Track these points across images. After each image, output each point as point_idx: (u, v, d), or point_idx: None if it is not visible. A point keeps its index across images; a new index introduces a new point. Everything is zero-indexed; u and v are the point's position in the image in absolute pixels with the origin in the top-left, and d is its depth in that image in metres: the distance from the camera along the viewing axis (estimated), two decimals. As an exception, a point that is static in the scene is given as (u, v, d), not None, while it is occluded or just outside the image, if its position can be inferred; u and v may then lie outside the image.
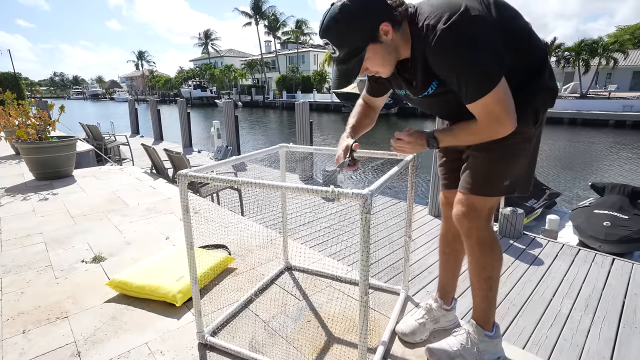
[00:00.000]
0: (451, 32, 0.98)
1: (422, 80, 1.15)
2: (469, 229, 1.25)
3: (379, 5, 1.05)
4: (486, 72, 1.01)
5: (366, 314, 1.06)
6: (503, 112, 1.05)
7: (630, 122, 18.18)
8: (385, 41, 1.08)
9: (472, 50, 0.99)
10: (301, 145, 1.84)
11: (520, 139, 1.16)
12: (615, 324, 2.76)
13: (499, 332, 1.35)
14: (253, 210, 5.18)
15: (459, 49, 0.99)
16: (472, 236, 1.25)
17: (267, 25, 43.46)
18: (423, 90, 1.18)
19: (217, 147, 9.07)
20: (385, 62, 1.12)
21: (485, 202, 1.23)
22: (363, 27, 1.05)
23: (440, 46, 1.00)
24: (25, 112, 3.94)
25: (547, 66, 1.15)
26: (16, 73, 12.49)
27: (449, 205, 1.45)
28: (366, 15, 1.04)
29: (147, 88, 69.56)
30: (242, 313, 1.64)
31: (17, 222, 2.76)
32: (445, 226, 1.51)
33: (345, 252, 3.87)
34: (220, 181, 1.22)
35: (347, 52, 1.08)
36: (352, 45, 1.07)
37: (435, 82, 1.13)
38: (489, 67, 1.01)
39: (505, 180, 1.21)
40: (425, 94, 1.18)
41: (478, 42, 0.99)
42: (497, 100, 1.03)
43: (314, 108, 31.10)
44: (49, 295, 1.78)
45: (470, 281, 1.32)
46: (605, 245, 4.28)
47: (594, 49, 25.40)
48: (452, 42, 0.99)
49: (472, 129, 1.13)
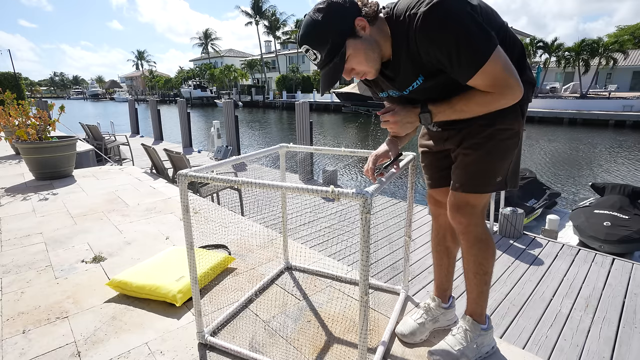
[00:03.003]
0: (434, 11, 0.96)
1: (405, 76, 1.14)
2: (466, 227, 1.26)
3: (349, 4, 1.06)
4: (480, 40, 0.98)
5: (366, 314, 1.06)
6: (510, 75, 1.02)
7: (630, 122, 18.19)
8: (364, 36, 1.08)
9: (460, 22, 0.97)
10: (301, 145, 1.84)
11: (510, 134, 1.18)
12: (615, 323, 2.76)
13: (490, 322, 1.39)
14: (253, 210, 5.18)
15: (446, 25, 0.97)
16: (469, 233, 1.27)
17: (267, 25, 43.48)
18: (406, 86, 1.17)
19: (217, 147, 9.07)
20: (368, 57, 1.10)
21: (479, 199, 1.25)
22: (338, 23, 1.05)
23: (426, 28, 0.99)
24: (25, 112, 3.94)
25: (526, 59, 1.17)
26: (16, 73, 12.49)
27: (437, 203, 1.46)
28: (339, 12, 1.05)
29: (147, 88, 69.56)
30: (242, 313, 1.64)
31: (17, 222, 2.76)
32: (435, 225, 1.52)
33: (345, 252, 3.87)
34: (220, 181, 1.22)
35: (328, 50, 1.07)
36: (331, 42, 1.06)
37: (421, 77, 1.12)
38: (481, 34, 0.98)
39: (497, 176, 1.22)
40: (410, 88, 1.17)
41: (464, 14, 0.97)
42: (500, 64, 1.00)
43: (314, 108, 31.12)
44: (49, 295, 1.78)
45: (465, 277, 1.34)
46: (606, 245, 4.28)
47: (595, 49, 25.40)
48: (437, 21, 0.97)
49: (478, 99, 1.07)
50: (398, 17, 1.06)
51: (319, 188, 1.01)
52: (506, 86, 1.03)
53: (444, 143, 1.32)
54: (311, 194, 1.03)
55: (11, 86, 11.61)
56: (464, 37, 0.97)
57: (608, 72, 30.27)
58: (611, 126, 18.56)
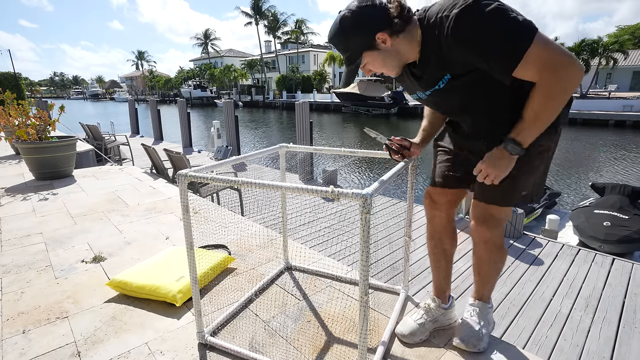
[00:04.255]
0: (467, 13, 0.98)
1: (431, 75, 1.17)
2: (489, 238, 1.33)
3: (375, 18, 1.09)
4: (517, 28, 0.96)
5: (366, 314, 1.06)
6: (560, 52, 0.97)
7: (630, 122, 18.18)
8: (383, 48, 1.13)
9: (495, 17, 0.96)
10: (301, 145, 1.84)
11: (541, 150, 1.20)
12: (615, 323, 2.76)
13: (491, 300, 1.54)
14: (253, 210, 5.18)
15: (483, 22, 0.97)
16: (491, 243, 1.34)
17: (267, 25, 43.48)
18: (432, 86, 1.19)
19: (217, 147, 9.07)
20: (386, 64, 1.18)
21: (503, 212, 1.30)
22: (358, 39, 1.12)
23: (459, 30, 1.00)
24: (25, 112, 3.93)
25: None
26: (16, 73, 12.49)
27: (433, 204, 1.47)
28: (361, 29, 1.10)
29: (147, 88, 69.55)
30: (242, 313, 1.64)
31: (17, 222, 2.76)
32: (430, 228, 1.52)
33: (345, 252, 3.87)
34: (220, 181, 1.22)
35: (347, 57, 1.17)
36: (350, 52, 1.16)
37: (448, 76, 1.13)
38: (519, 21, 0.96)
39: (523, 190, 1.26)
40: (435, 87, 1.19)
41: (496, 11, 0.96)
42: (544, 46, 0.96)
43: (314, 108, 31.12)
44: (49, 295, 1.78)
45: (477, 271, 1.45)
46: (605, 245, 4.28)
47: (595, 49, 25.40)
48: (470, 22, 0.98)
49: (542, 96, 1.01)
50: (430, 19, 1.09)
51: (319, 188, 1.01)
52: (561, 65, 0.97)
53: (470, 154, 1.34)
54: (311, 194, 1.03)
55: (11, 86, 11.61)
56: (497, 34, 0.97)
57: (608, 72, 30.27)
58: (611, 126, 18.56)
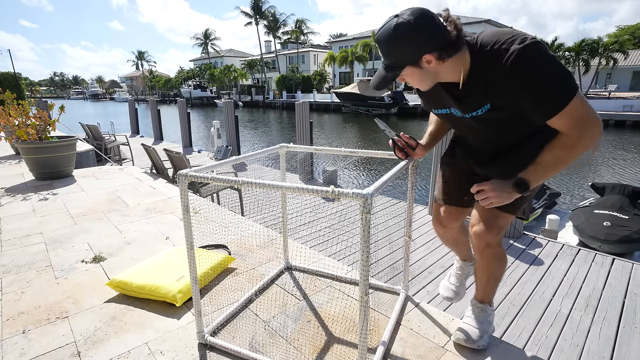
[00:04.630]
0: (528, 52, 1.02)
1: (473, 101, 1.19)
2: (489, 246, 1.36)
3: (430, 40, 1.07)
4: (567, 80, 1.04)
5: (366, 314, 1.06)
6: (591, 112, 1.07)
7: (630, 122, 18.18)
8: (426, 67, 1.12)
9: (552, 64, 1.03)
10: (301, 145, 1.84)
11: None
12: (615, 323, 2.76)
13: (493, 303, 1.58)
14: (253, 210, 5.18)
15: (536, 66, 1.03)
16: (490, 251, 1.37)
17: (267, 25, 43.47)
18: (471, 111, 1.22)
19: (217, 147, 9.07)
20: (422, 82, 1.19)
21: (507, 220, 1.35)
22: (406, 52, 1.11)
23: (518, 65, 1.03)
24: (25, 112, 3.93)
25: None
26: (16, 73, 12.49)
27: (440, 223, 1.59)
28: (413, 44, 1.08)
29: (147, 88, 69.54)
30: (242, 313, 1.64)
31: (17, 222, 2.76)
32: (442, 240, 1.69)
33: (345, 252, 3.87)
34: (220, 181, 1.22)
35: (388, 64, 1.16)
36: (394, 60, 1.14)
37: (488, 105, 1.16)
38: (566, 77, 1.04)
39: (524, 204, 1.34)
40: (474, 114, 1.21)
41: (551, 58, 1.04)
42: (582, 103, 1.05)
43: (314, 108, 31.11)
44: (49, 295, 1.78)
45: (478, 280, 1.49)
46: (605, 245, 4.28)
47: (595, 49, 25.40)
48: (529, 61, 1.03)
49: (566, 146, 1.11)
50: (483, 46, 1.10)
51: (319, 188, 1.01)
52: (588, 123, 1.07)
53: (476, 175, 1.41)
54: (311, 194, 1.03)
55: (11, 86, 11.62)
56: (556, 76, 1.03)
57: (608, 72, 30.26)
58: (611, 126, 18.55)
